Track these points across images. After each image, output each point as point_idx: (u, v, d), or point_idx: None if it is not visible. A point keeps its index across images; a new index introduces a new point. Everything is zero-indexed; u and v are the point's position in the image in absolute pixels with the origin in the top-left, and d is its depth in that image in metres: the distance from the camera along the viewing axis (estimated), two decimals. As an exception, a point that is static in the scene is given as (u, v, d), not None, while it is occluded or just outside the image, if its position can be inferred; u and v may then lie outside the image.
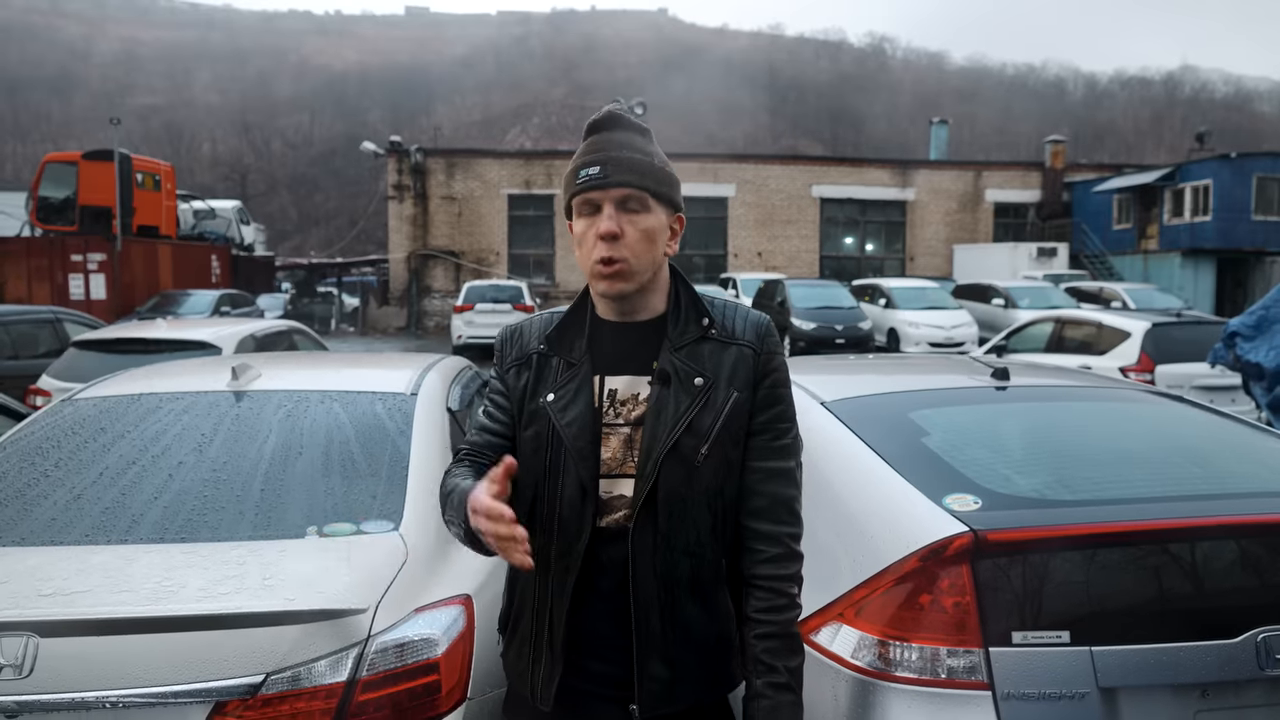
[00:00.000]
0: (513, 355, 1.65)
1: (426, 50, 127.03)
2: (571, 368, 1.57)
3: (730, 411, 1.52)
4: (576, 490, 1.51)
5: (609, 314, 1.59)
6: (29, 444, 2.73)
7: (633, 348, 1.56)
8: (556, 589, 1.52)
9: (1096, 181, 30.21)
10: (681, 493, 1.50)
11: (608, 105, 1.62)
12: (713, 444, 1.51)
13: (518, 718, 1.66)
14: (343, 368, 3.51)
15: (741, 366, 1.55)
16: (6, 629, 1.83)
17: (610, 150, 1.51)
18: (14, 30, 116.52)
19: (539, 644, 1.55)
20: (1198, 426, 2.50)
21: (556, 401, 1.55)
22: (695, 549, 1.52)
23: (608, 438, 1.53)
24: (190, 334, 7.19)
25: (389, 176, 28.57)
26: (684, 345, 1.55)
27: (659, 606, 1.50)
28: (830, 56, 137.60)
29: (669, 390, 1.52)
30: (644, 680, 1.50)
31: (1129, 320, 9.40)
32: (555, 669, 1.52)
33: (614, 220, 1.48)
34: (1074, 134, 75.50)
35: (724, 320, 1.59)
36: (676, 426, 1.49)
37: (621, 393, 1.55)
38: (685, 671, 1.52)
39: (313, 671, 1.89)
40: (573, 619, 1.52)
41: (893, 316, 19.00)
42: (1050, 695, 1.73)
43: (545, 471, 1.55)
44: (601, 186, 1.49)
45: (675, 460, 1.49)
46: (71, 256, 19.12)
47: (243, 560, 2.13)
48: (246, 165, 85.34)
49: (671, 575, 1.50)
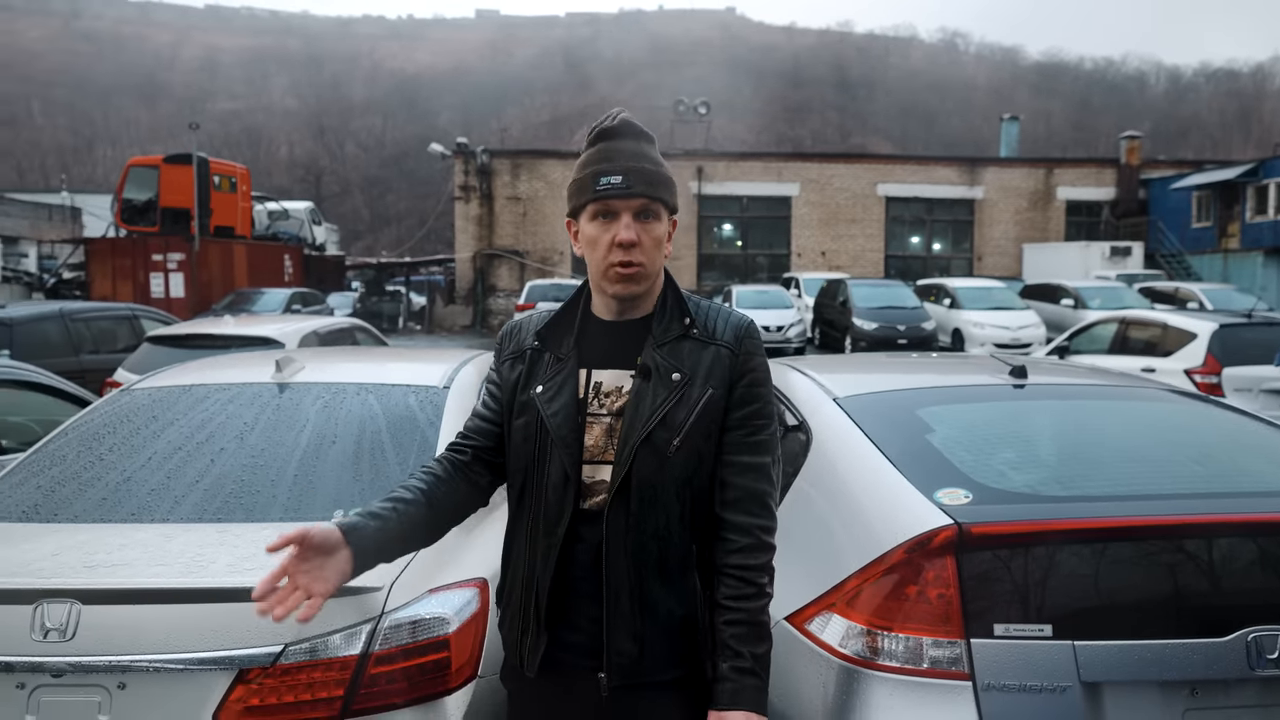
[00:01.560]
0: (509, 349, 1.77)
1: (497, 52, 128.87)
2: (560, 362, 1.67)
3: (704, 407, 1.61)
4: (560, 475, 1.62)
5: (605, 313, 1.69)
6: (88, 430, 2.92)
7: (621, 344, 1.66)
8: (542, 566, 1.63)
9: (1175, 178, 29.21)
10: (653, 480, 1.58)
11: (620, 112, 1.70)
12: (684, 436, 1.59)
13: (511, 684, 1.77)
14: (382, 362, 3.66)
15: (718, 365, 1.63)
16: (53, 595, 1.99)
17: (628, 160, 1.61)
18: (106, 40, 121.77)
19: (526, 616, 1.65)
20: (1216, 426, 2.47)
21: (544, 393, 1.65)
22: (663, 534, 1.60)
23: (591, 426, 1.63)
24: (255, 330, 7.49)
25: (455, 177, 29.11)
26: (666, 342, 1.64)
27: (628, 585, 1.59)
28: (901, 53, 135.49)
29: (648, 384, 1.61)
30: (612, 653, 1.59)
31: (1195, 321, 9.11)
32: (540, 639, 1.62)
33: (632, 229, 1.59)
34: (1155, 130, 73.07)
35: (705, 321, 1.68)
36: (652, 418, 1.58)
37: (606, 385, 1.65)
38: (651, 648, 1.60)
39: (328, 644, 2.02)
40: (554, 593, 1.62)
41: (957, 317, 18.68)
42: (1031, 688, 1.76)
43: (534, 458, 1.66)
44: (623, 196, 1.59)
45: (649, 450, 1.58)
46: (153, 256, 19.97)
47: (270, 539, 2.26)
48: (321, 167, 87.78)
49: (640, 556, 1.59)
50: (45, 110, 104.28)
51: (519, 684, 1.72)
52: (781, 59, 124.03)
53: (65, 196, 44.71)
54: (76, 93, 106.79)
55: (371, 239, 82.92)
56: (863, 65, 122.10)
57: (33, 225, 36.46)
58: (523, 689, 1.72)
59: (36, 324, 8.70)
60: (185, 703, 1.99)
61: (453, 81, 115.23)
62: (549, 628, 1.62)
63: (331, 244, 35.89)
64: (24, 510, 2.51)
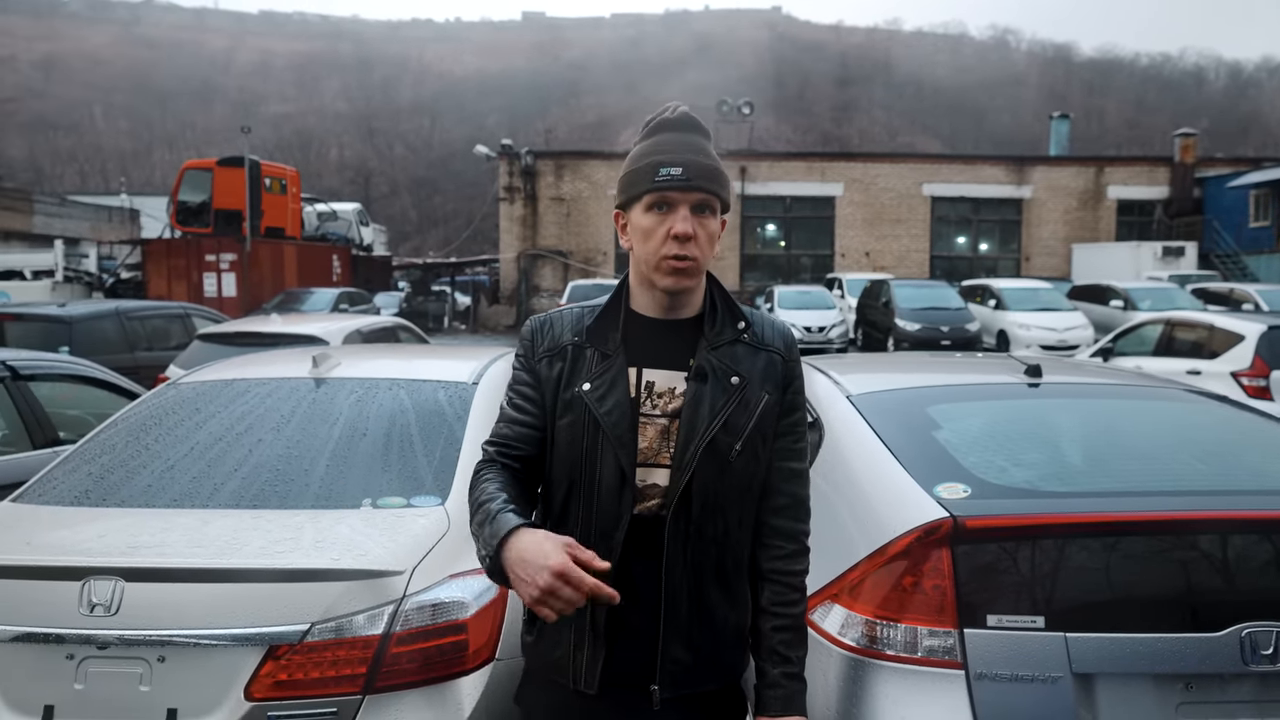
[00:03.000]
0: (544, 346, 1.67)
1: (543, 54, 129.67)
2: (607, 359, 1.60)
3: (763, 411, 1.60)
4: (616, 476, 1.56)
5: (650, 310, 1.64)
6: (136, 422, 3.08)
7: (669, 343, 1.61)
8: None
9: (1231, 176, 28.48)
10: (714, 485, 1.56)
11: (678, 105, 1.66)
12: (746, 441, 1.58)
13: (532, 705, 1.70)
14: (415, 358, 3.78)
15: (772, 371, 1.63)
16: (99, 573, 2.13)
17: (689, 154, 1.56)
18: (164, 45, 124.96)
19: (581, 630, 1.57)
20: (1230, 425, 2.48)
21: (593, 391, 1.58)
22: (723, 539, 1.59)
23: (644, 427, 1.58)
24: (301, 328, 7.71)
25: (500, 179, 29.43)
26: (720, 345, 1.61)
27: (687, 593, 1.56)
28: (950, 50, 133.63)
29: (705, 387, 1.58)
30: (666, 663, 1.56)
31: (1243, 322, 8.93)
32: (599, 653, 1.56)
33: (689, 223, 1.54)
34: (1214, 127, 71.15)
35: (757, 327, 1.67)
36: (714, 422, 1.56)
37: (659, 385, 1.60)
38: (704, 656, 1.59)
39: (352, 624, 2.13)
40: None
41: (1002, 318, 18.44)
42: (1023, 677, 1.80)
43: (582, 459, 1.58)
44: (683, 189, 1.54)
45: (710, 454, 1.56)
46: (206, 256, 20.52)
47: (301, 525, 2.39)
48: (371, 169, 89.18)
49: (701, 563, 1.57)
50: (107, 114, 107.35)
51: (553, 707, 1.63)
52: (828, 57, 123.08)
53: (124, 199, 46.08)
54: (136, 97, 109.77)
55: (419, 239, 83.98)
56: (911, 63, 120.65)
57: (93, 227, 37.64)
58: (554, 708, 1.63)
59: (94, 322, 9.03)
60: (219, 676, 2.12)
61: (500, 83, 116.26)
62: (607, 640, 1.56)
63: (380, 244, 36.47)
64: (75, 495, 2.67)
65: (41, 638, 2.14)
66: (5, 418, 4.39)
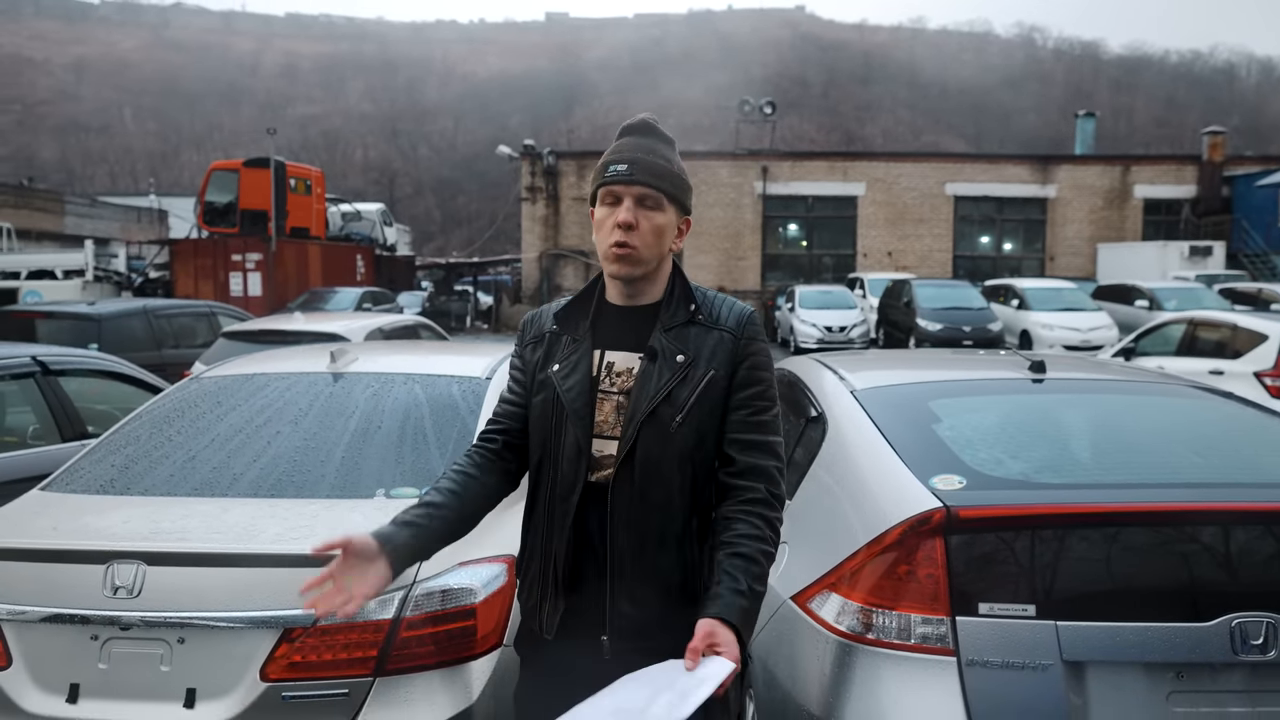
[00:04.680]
0: (531, 334, 1.89)
1: (566, 55, 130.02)
2: (575, 343, 1.79)
3: (705, 386, 1.72)
4: (574, 448, 1.73)
5: (616, 298, 1.81)
6: (159, 414, 3.17)
7: (632, 327, 1.78)
8: (557, 535, 1.74)
9: (1261, 175, 28.09)
10: (656, 454, 1.69)
11: (644, 115, 1.85)
12: (687, 414, 1.70)
13: (524, 649, 1.90)
14: (430, 354, 3.86)
15: (721, 349, 1.75)
16: (122, 557, 2.22)
17: (638, 153, 1.74)
18: (192, 48, 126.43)
19: (545, 582, 1.76)
20: (1232, 421, 2.50)
21: (560, 370, 1.77)
22: (665, 505, 1.71)
23: (601, 403, 1.75)
24: (323, 326, 7.82)
25: (523, 179, 29.56)
26: (673, 327, 1.75)
27: (631, 554, 1.70)
28: (975, 49, 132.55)
29: (654, 365, 1.73)
30: (614, 616, 1.70)
31: (1267, 322, 8.85)
32: (558, 604, 1.74)
33: (631, 213, 1.71)
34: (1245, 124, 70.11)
35: (710, 308, 1.80)
36: (656, 395, 1.70)
37: (618, 365, 1.76)
38: (651, 614, 1.71)
39: (364, 608, 2.19)
40: (567, 560, 1.73)
41: (1025, 318, 18.31)
42: (1014, 665, 1.84)
43: (550, 432, 1.77)
44: (626, 183, 1.72)
45: (653, 425, 1.69)
46: (232, 256, 20.76)
47: (316, 514, 2.46)
48: (395, 169, 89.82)
49: (643, 526, 1.70)
50: (136, 116, 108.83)
51: (531, 648, 1.85)
52: (852, 56, 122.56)
53: (153, 199, 46.71)
54: (165, 99, 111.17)
55: (443, 240, 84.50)
56: (936, 62, 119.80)
57: (123, 227, 38.22)
58: (535, 653, 1.84)
59: (123, 319, 9.21)
60: (236, 657, 2.20)
61: (523, 84, 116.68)
62: (565, 592, 1.73)
63: (403, 244, 36.73)
64: (100, 484, 2.76)
65: (68, 618, 2.23)
66: (36, 412, 4.52)
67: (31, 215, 33.18)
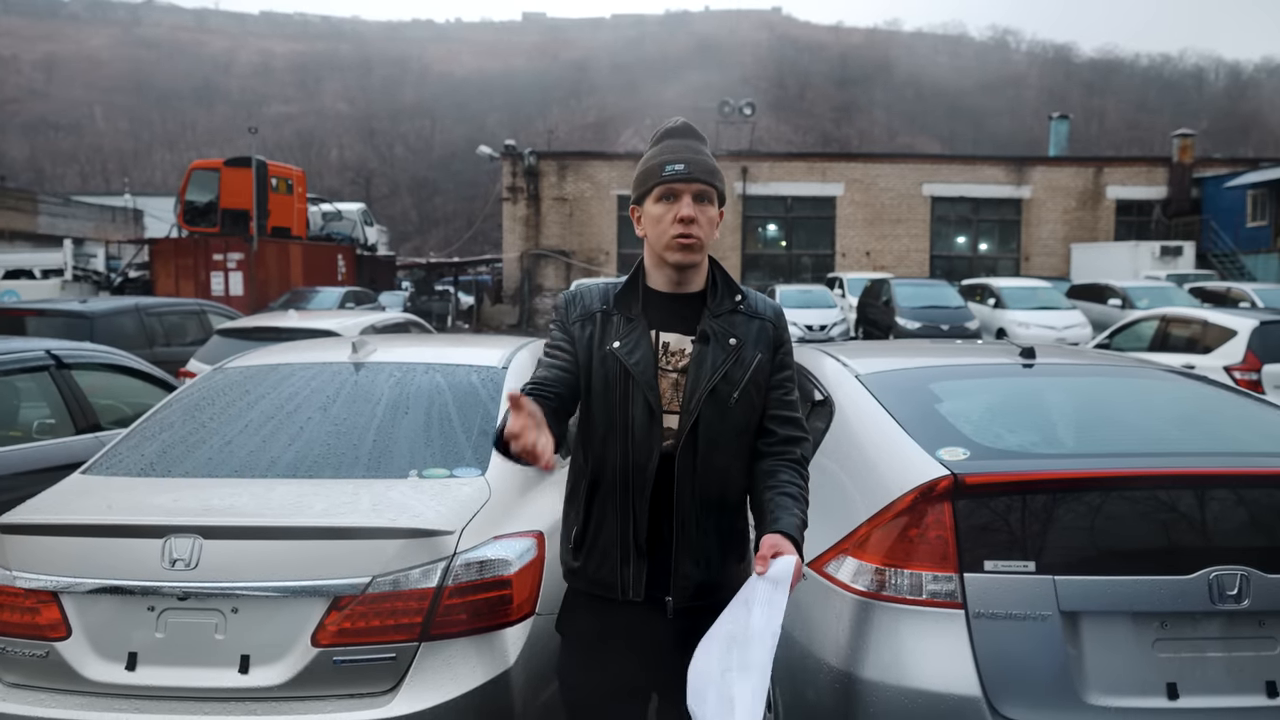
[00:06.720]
0: (577, 312, 1.99)
1: (543, 55, 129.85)
2: (631, 322, 1.93)
3: (756, 366, 1.94)
4: (645, 414, 1.87)
5: (662, 285, 1.97)
6: (189, 402, 3.30)
7: (680, 313, 1.95)
8: (638, 500, 1.87)
9: (1229, 176, 28.71)
10: (717, 427, 1.88)
11: (679, 118, 2.05)
12: (742, 390, 1.91)
13: (572, 628, 1.99)
14: (445, 346, 4.00)
15: (764, 335, 1.97)
16: (181, 531, 2.35)
17: (690, 154, 1.93)
18: (164, 46, 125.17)
19: (626, 546, 1.88)
20: (1204, 400, 2.71)
21: (623, 347, 1.90)
22: (724, 473, 1.90)
23: (661, 379, 1.91)
24: (318, 324, 7.93)
25: (503, 179, 29.62)
26: (721, 314, 1.95)
27: (695, 519, 1.88)
28: (950, 51, 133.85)
29: (707, 347, 1.91)
30: (678, 578, 1.88)
31: (1235, 318, 9.17)
32: (642, 565, 1.88)
33: (691, 208, 1.89)
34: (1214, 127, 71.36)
35: (751, 300, 2.02)
36: (714, 375, 1.89)
37: (673, 346, 1.93)
38: (711, 574, 1.90)
39: (409, 577, 2.35)
40: (647, 524, 1.88)
41: (1001, 316, 18.66)
42: (1016, 615, 2.02)
43: (616, 405, 1.89)
44: (685, 180, 1.89)
45: (713, 401, 1.88)
46: (213, 256, 20.70)
47: (356, 492, 2.61)
48: (371, 169, 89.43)
49: (706, 493, 1.88)
50: (108, 115, 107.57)
51: (593, 616, 1.93)
52: (829, 58, 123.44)
53: (128, 199, 46.27)
54: (136, 98, 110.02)
55: (420, 240, 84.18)
56: (911, 64, 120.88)
57: (98, 227, 37.84)
58: (590, 620, 1.93)
59: (115, 317, 9.24)
60: (288, 625, 2.34)
61: (500, 84, 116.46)
62: (649, 554, 1.87)
63: (382, 245, 36.65)
64: (142, 468, 2.88)
65: (127, 590, 2.36)
66: (51, 404, 4.61)
67: (4, 215, 32.83)
